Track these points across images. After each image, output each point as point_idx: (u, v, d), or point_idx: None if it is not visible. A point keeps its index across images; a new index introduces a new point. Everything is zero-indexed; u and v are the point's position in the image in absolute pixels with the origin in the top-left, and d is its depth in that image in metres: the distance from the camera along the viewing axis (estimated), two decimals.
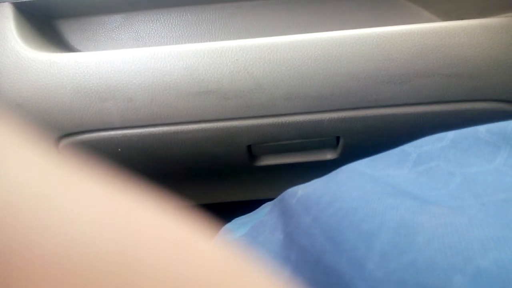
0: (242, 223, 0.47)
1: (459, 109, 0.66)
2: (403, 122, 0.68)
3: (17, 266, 0.11)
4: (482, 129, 0.36)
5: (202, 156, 0.74)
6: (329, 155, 0.79)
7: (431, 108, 0.66)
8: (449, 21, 0.62)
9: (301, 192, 0.39)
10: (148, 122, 0.65)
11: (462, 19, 0.62)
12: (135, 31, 0.72)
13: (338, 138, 0.74)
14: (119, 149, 0.69)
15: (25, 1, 0.64)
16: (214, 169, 0.82)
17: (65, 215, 0.13)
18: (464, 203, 0.30)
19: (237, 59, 0.61)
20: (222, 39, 0.69)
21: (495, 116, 0.67)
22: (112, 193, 0.15)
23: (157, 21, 0.72)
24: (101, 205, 0.14)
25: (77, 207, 0.13)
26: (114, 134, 0.67)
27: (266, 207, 0.48)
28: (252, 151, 0.76)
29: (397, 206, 0.29)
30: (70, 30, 0.72)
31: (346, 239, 0.29)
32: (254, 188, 0.90)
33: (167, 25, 0.72)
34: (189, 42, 0.72)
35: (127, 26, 0.72)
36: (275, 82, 0.62)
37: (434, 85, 0.63)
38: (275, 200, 0.46)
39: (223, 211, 0.55)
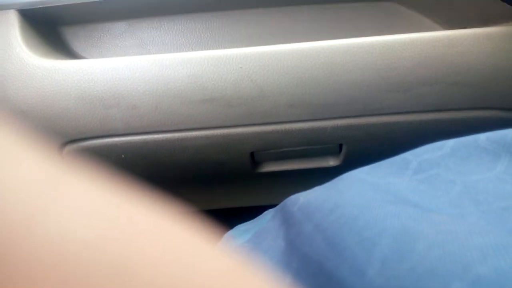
0: (245, 230, 0.47)
1: (460, 117, 0.66)
2: (405, 130, 0.68)
3: (20, 270, 0.11)
4: (482, 137, 0.36)
5: (205, 163, 0.74)
6: (332, 162, 0.79)
7: (433, 116, 0.66)
8: (452, 29, 0.62)
9: (303, 200, 0.39)
10: (152, 129, 0.65)
11: (464, 27, 0.62)
12: (139, 38, 0.72)
13: (340, 145, 0.74)
14: (123, 156, 0.69)
15: (30, 8, 0.64)
16: (217, 176, 0.82)
17: (70, 220, 0.13)
18: (465, 211, 0.30)
19: (241, 67, 0.61)
20: (226, 47, 0.69)
21: (496, 124, 0.67)
22: (116, 199, 0.15)
23: (161, 28, 0.72)
24: (105, 211, 0.14)
25: (81, 213, 0.13)
26: (118, 140, 0.67)
27: (268, 214, 0.48)
28: (255, 158, 0.76)
29: (398, 213, 0.29)
30: (74, 37, 0.72)
31: (347, 246, 0.29)
32: (256, 194, 0.90)
33: (171, 32, 0.72)
34: (193, 50, 0.72)
35: (131, 33, 0.72)
36: (278, 90, 0.62)
37: (436, 93, 0.63)
38: (277, 207, 0.46)
39: (225, 217, 0.55)
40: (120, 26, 0.72)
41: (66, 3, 0.65)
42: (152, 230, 0.15)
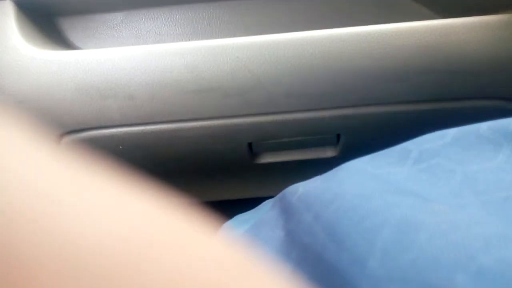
0: (244, 220, 0.47)
1: (460, 107, 0.66)
2: (404, 120, 0.68)
3: (19, 263, 0.11)
4: (483, 127, 0.36)
5: (203, 154, 0.74)
6: (330, 153, 0.79)
7: (432, 106, 0.66)
8: (449, 18, 0.62)
9: (302, 190, 0.39)
10: (148, 119, 0.65)
11: (462, 16, 0.62)
12: (136, 28, 0.72)
13: (338, 136, 0.74)
14: (120, 147, 0.69)
15: None
16: (215, 167, 0.82)
17: (68, 212, 0.13)
18: (465, 200, 0.30)
19: (237, 57, 0.61)
20: (222, 37, 0.69)
21: (496, 113, 0.66)
22: (114, 190, 0.15)
23: (158, 18, 0.72)
24: (103, 202, 0.14)
25: (79, 204, 0.13)
26: (115, 131, 0.67)
27: (267, 205, 0.48)
28: (253, 149, 0.76)
29: (399, 203, 0.29)
30: (71, 27, 0.72)
31: (347, 236, 0.29)
32: (255, 185, 0.90)
33: (168, 22, 0.72)
34: (190, 40, 0.72)
35: (128, 24, 0.72)
36: (275, 80, 0.62)
37: (435, 82, 0.63)
38: (276, 197, 0.46)
39: (224, 208, 0.55)
40: (117, 17, 0.72)
41: None
42: (151, 221, 0.15)
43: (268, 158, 0.80)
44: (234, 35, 0.64)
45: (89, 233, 0.13)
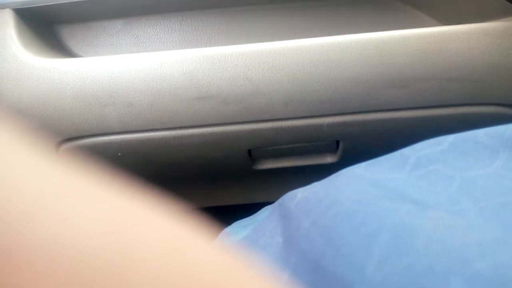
0: (242, 226, 0.47)
1: (458, 113, 0.66)
2: (402, 126, 0.68)
3: (17, 269, 0.11)
4: (481, 133, 0.36)
5: (202, 160, 0.74)
6: (329, 159, 0.79)
7: (430, 112, 0.66)
8: (448, 25, 0.62)
9: (301, 196, 0.39)
10: (147, 127, 0.65)
11: (461, 23, 0.62)
12: (135, 36, 0.72)
13: (337, 142, 0.74)
14: (119, 154, 0.69)
15: (26, 7, 0.64)
16: (215, 173, 0.82)
17: (66, 219, 0.13)
18: (463, 206, 0.30)
19: (236, 64, 0.61)
20: (221, 45, 0.69)
21: (494, 120, 0.67)
22: (113, 197, 0.15)
23: (157, 26, 0.72)
24: (102, 209, 0.14)
25: (77, 211, 0.13)
26: (114, 138, 0.67)
27: (266, 211, 0.48)
28: (252, 155, 0.76)
29: (396, 209, 0.29)
30: (70, 35, 0.72)
31: (345, 242, 0.29)
32: (254, 191, 0.90)
33: (167, 30, 0.72)
34: (188, 47, 0.72)
35: (127, 32, 0.72)
36: (274, 87, 0.62)
37: (433, 89, 0.63)
38: (274, 203, 0.46)
39: (223, 215, 0.55)
40: (116, 25, 0.72)
41: (61, 2, 0.65)
42: (149, 227, 0.15)
43: (267, 164, 0.80)
44: (233, 43, 0.64)
45: (86, 239, 0.13)
